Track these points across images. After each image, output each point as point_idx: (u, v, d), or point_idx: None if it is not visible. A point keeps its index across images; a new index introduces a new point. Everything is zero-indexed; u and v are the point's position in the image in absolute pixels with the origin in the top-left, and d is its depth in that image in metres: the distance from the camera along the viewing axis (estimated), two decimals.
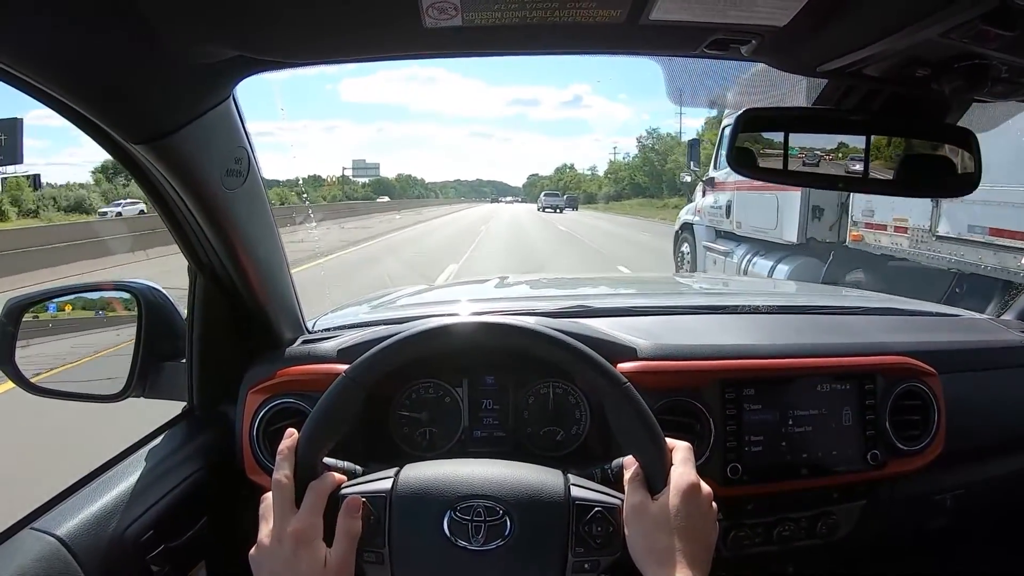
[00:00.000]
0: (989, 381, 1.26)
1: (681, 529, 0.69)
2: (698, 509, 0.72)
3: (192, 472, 0.95)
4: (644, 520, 0.71)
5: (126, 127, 0.74)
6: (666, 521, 0.70)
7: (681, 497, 0.71)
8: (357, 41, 0.73)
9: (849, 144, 0.86)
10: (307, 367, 1.03)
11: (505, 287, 1.87)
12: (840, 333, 1.25)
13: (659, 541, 0.69)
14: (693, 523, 0.70)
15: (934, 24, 0.60)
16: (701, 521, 0.72)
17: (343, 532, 0.71)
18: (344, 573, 0.71)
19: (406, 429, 1.06)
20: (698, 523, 0.71)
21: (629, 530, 0.71)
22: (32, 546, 0.74)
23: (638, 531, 0.71)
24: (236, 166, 0.86)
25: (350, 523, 0.72)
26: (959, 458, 1.19)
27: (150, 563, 0.84)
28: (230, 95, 0.81)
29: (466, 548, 0.71)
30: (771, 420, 1.05)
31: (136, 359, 1.02)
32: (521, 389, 1.07)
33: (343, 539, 0.71)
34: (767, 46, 0.71)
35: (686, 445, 0.76)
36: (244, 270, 0.97)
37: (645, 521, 0.71)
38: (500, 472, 0.76)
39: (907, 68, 0.74)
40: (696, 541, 0.70)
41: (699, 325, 1.29)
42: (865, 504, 1.13)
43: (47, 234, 13.88)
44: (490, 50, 0.76)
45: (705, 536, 0.72)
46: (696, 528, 0.71)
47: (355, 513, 0.72)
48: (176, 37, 0.65)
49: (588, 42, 0.74)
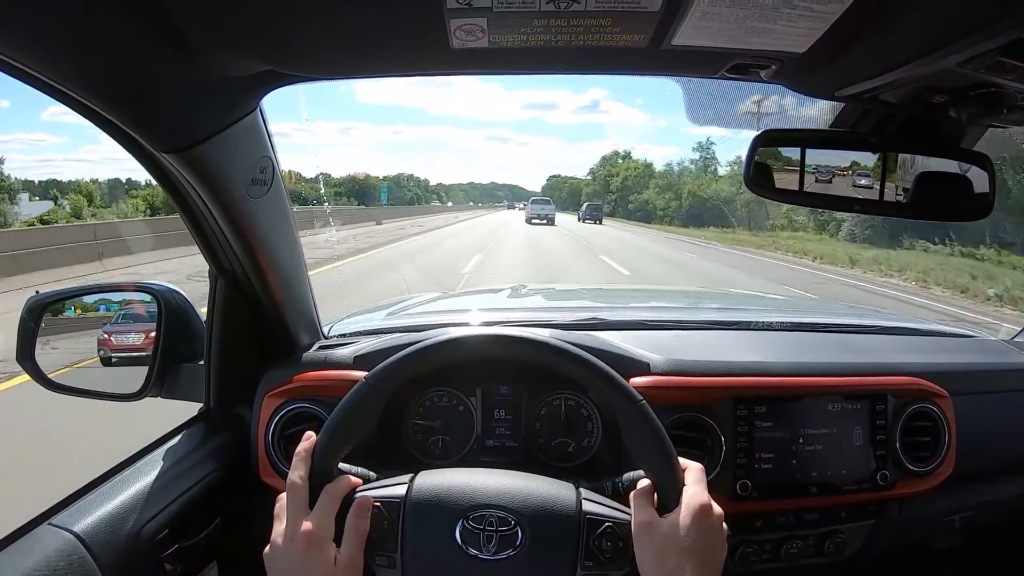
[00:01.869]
0: (1000, 403, 1.26)
1: (692, 549, 0.70)
2: (710, 529, 0.72)
3: (207, 473, 0.96)
4: (654, 538, 0.71)
5: (156, 137, 0.75)
6: (677, 540, 0.70)
7: (693, 517, 0.71)
8: (385, 59, 0.74)
9: (860, 163, 0.87)
10: (324, 373, 1.04)
11: (519, 297, 1.88)
12: (852, 352, 1.25)
13: (669, 560, 0.70)
14: (704, 543, 0.71)
15: (952, 55, 0.61)
16: (712, 541, 0.72)
17: (352, 531, 0.72)
18: (353, 573, 0.72)
19: (419, 436, 1.07)
20: (709, 543, 0.71)
21: (638, 548, 0.72)
22: (50, 542, 0.75)
23: (648, 549, 0.71)
24: (261, 175, 0.88)
25: (359, 522, 0.73)
26: (968, 480, 1.18)
27: (164, 561, 0.85)
28: (257, 107, 0.83)
29: (477, 557, 0.72)
30: (782, 438, 1.05)
31: (155, 359, 1.04)
32: (534, 400, 1.08)
33: (352, 538, 0.72)
34: (787, 70, 0.72)
35: (698, 466, 0.77)
36: (265, 276, 0.99)
37: (655, 539, 0.71)
38: (513, 483, 0.77)
39: (924, 95, 0.76)
40: (706, 562, 0.70)
41: (712, 341, 1.30)
42: (874, 523, 1.13)
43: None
44: (515, 70, 0.77)
45: (715, 557, 0.72)
46: (707, 548, 0.71)
47: (364, 513, 0.73)
48: (208, 51, 0.67)
49: (611, 64, 0.75)
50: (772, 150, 0.87)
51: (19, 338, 1.01)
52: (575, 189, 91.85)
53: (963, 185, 0.89)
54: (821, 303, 3.85)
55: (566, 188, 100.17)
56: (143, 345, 1.13)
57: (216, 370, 1.04)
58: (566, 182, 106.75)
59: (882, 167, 0.87)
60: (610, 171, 68.65)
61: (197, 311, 1.08)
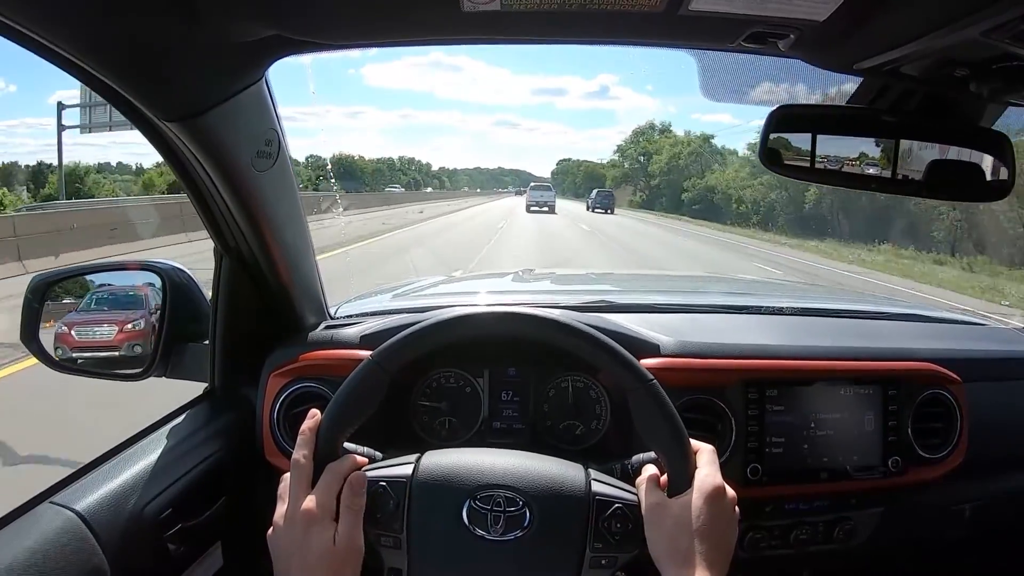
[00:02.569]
0: (1013, 392, 1.25)
1: (703, 531, 0.69)
2: (722, 512, 0.71)
3: (212, 453, 0.96)
4: (666, 520, 0.71)
5: (159, 105, 0.74)
6: (689, 522, 0.70)
7: (705, 499, 0.71)
8: (394, 23, 0.73)
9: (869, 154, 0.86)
10: (330, 352, 1.04)
11: (526, 280, 1.87)
12: (864, 337, 1.24)
13: (681, 542, 0.69)
14: (716, 526, 0.70)
15: (977, 23, 0.60)
16: (724, 524, 0.71)
17: (347, 508, 0.72)
18: (352, 550, 0.71)
19: (426, 418, 1.06)
20: (720, 526, 0.71)
21: (649, 530, 0.71)
22: (52, 520, 0.74)
23: (660, 531, 0.71)
24: (267, 148, 0.87)
25: (354, 499, 0.72)
26: (980, 469, 1.17)
27: (167, 541, 0.85)
28: (263, 76, 0.81)
29: (484, 537, 0.71)
30: (793, 422, 1.04)
31: (159, 339, 1.03)
32: (542, 382, 1.07)
33: (347, 516, 0.71)
34: (805, 41, 0.71)
35: (710, 448, 0.76)
36: (270, 253, 0.98)
37: (667, 521, 0.71)
38: (522, 463, 0.76)
39: (945, 68, 0.74)
40: (717, 544, 0.70)
41: (723, 324, 1.29)
42: (883, 511, 1.12)
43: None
44: (527, 36, 0.76)
45: (726, 539, 0.72)
46: (718, 531, 0.71)
47: (359, 490, 0.72)
48: (213, 14, 0.66)
49: (626, 31, 0.73)
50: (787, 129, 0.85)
51: (23, 318, 1.00)
52: (592, 173, 76.34)
53: (980, 165, 0.87)
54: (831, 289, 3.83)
55: (580, 172, 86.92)
56: (116, 341, 1.07)
57: (221, 349, 1.03)
58: (580, 166, 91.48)
59: (895, 146, 0.85)
60: (646, 148, 54.03)
61: (202, 290, 1.08)
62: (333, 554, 0.70)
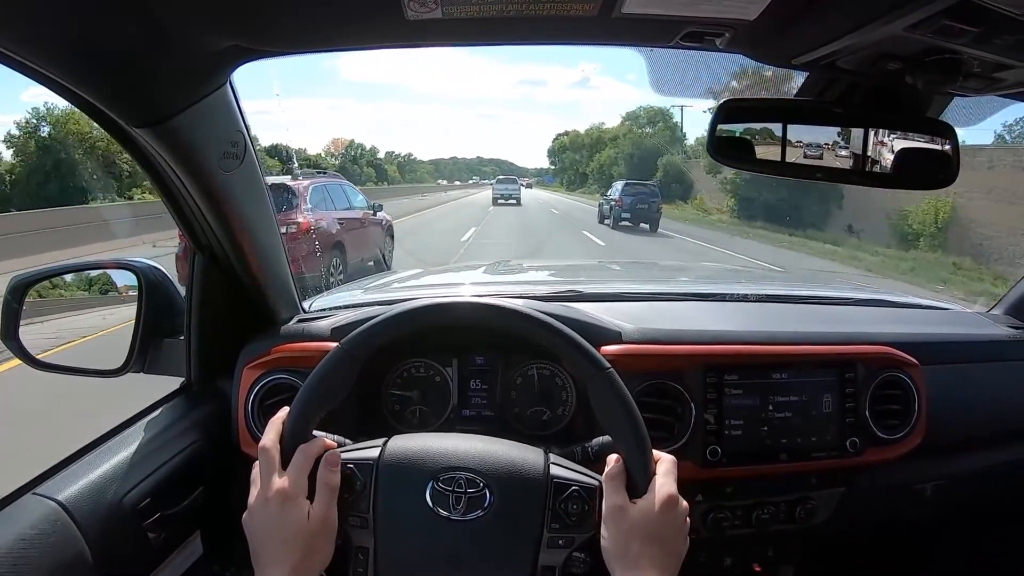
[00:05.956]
0: (973, 374, 1.28)
1: (655, 537, 0.72)
2: (675, 521, 0.74)
3: (189, 444, 0.98)
4: (622, 523, 0.73)
5: (127, 111, 0.77)
6: (641, 528, 0.73)
7: (660, 508, 0.73)
8: (343, 32, 0.76)
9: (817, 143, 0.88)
10: (301, 344, 1.06)
11: (500, 272, 1.90)
12: (825, 323, 1.27)
13: (632, 547, 0.72)
14: (667, 533, 0.74)
15: (898, 19, 0.62)
16: (675, 533, 0.75)
17: (323, 484, 0.74)
18: (326, 525, 0.74)
19: (397, 407, 1.09)
20: (672, 534, 0.74)
21: (606, 529, 0.74)
22: (34, 510, 0.77)
23: (615, 532, 0.73)
24: (233, 149, 0.89)
25: (329, 476, 0.75)
26: (940, 449, 1.21)
27: (146, 529, 0.87)
28: (227, 81, 0.84)
29: (447, 517, 0.74)
30: (752, 405, 1.07)
31: (136, 335, 1.05)
32: (509, 370, 1.10)
33: (323, 492, 0.74)
34: (740, 38, 0.73)
35: (671, 458, 0.78)
36: (241, 250, 1.00)
37: (623, 524, 0.73)
38: (483, 447, 0.79)
39: (879, 62, 0.76)
40: (668, 552, 0.73)
41: (686, 311, 1.32)
42: (844, 491, 1.16)
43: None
44: (471, 41, 0.79)
45: (676, 547, 0.75)
46: (669, 538, 0.74)
47: (334, 468, 0.75)
48: (176, 25, 0.68)
49: (565, 34, 0.76)
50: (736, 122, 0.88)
51: (2, 318, 1.01)
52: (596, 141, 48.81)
53: (927, 154, 0.90)
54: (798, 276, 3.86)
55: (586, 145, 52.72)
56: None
57: (197, 344, 1.05)
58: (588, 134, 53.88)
59: (844, 136, 0.88)
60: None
61: (177, 287, 1.10)
62: (308, 529, 0.72)
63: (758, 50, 0.78)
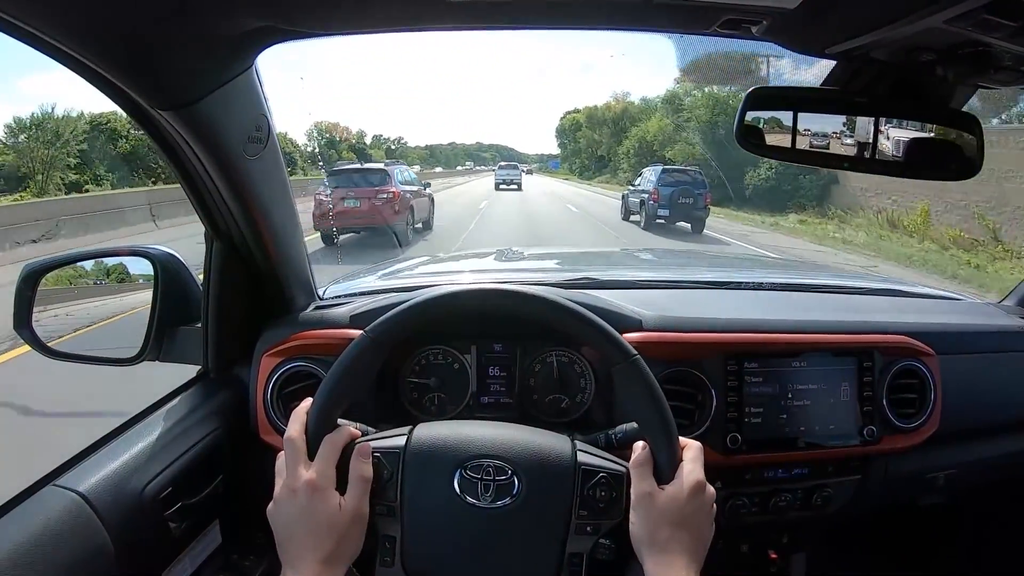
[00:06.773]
0: (986, 364, 1.29)
1: (683, 523, 0.73)
2: (703, 507, 0.76)
3: (208, 433, 0.98)
4: (651, 509, 0.74)
5: (152, 94, 0.75)
6: (670, 514, 0.73)
7: (688, 494, 0.74)
8: (381, 12, 0.74)
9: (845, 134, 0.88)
10: (321, 331, 1.06)
11: (510, 259, 1.90)
12: (842, 311, 1.28)
13: (661, 532, 0.73)
14: (695, 519, 0.75)
15: (939, 12, 0.62)
16: (703, 519, 0.76)
17: (356, 476, 0.74)
18: (358, 516, 0.74)
19: (415, 394, 1.09)
20: (699, 520, 0.75)
21: (635, 515, 0.75)
22: (56, 502, 0.76)
23: (644, 518, 0.74)
24: (257, 133, 0.88)
25: (362, 467, 0.75)
26: (953, 438, 1.22)
27: (168, 519, 0.87)
28: (253, 64, 0.82)
29: (475, 505, 0.74)
30: (771, 393, 1.08)
31: (152, 323, 1.04)
32: (528, 357, 1.10)
33: (356, 483, 0.74)
34: (777, 27, 0.73)
35: (697, 445, 0.79)
36: (261, 236, 0.99)
37: (652, 510, 0.74)
38: (511, 434, 0.79)
39: (912, 53, 0.76)
40: (695, 537, 0.74)
41: (704, 299, 1.32)
42: (859, 479, 1.17)
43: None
44: (512, 24, 0.77)
45: (704, 532, 0.76)
46: (697, 524, 0.75)
47: (366, 458, 0.75)
48: (205, 6, 0.67)
49: (606, 18, 0.76)
50: (763, 110, 0.87)
51: (15, 306, 1.00)
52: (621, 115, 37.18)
53: (951, 146, 0.90)
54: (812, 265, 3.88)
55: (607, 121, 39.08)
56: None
57: (214, 332, 1.04)
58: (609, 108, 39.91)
59: (874, 126, 0.87)
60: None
61: (193, 274, 1.09)
62: (341, 520, 0.72)
63: (793, 38, 0.78)
